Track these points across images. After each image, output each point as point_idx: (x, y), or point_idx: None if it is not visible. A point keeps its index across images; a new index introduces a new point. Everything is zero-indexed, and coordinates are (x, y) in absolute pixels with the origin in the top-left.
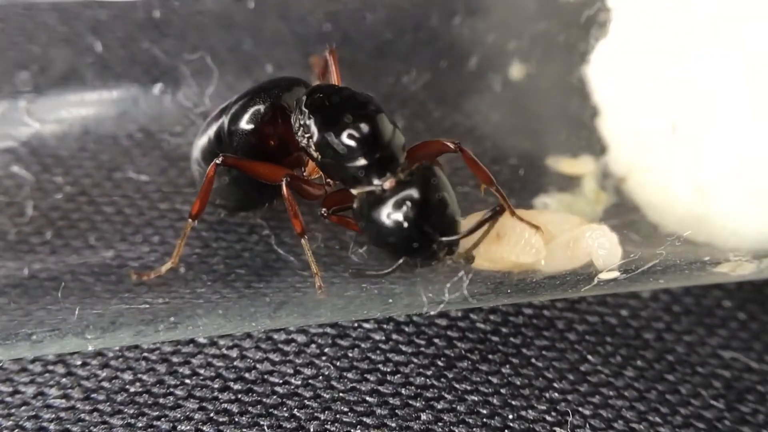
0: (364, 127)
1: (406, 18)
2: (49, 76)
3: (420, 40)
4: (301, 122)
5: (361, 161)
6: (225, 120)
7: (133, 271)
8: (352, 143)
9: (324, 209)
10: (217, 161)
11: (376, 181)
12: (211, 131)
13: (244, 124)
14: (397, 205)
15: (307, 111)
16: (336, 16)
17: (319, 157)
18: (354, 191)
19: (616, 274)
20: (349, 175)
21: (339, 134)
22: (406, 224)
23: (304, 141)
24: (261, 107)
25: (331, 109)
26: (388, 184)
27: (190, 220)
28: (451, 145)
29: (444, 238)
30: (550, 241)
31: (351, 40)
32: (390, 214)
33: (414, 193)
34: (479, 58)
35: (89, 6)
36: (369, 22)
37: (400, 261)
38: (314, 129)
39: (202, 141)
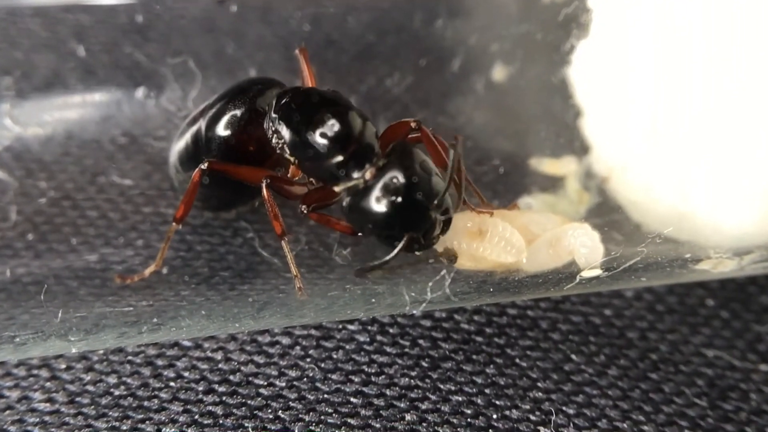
0: (335, 125)
1: (389, 20)
2: (32, 80)
3: (403, 43)
4: (273, 128)
5: (337, 158)
6: (202, 125)
7: (117, 274)
8: (324, 142)
9: (304, 206)
10: (203, 166)
11: (356, 175)
12: (189, 136)
13: (221, 129)
14: (384, 189)
15: (276, 117)
16: (318, 19)
17: (295, 160)
18: (336, 188)
19: (598, 271)
20: (328, 173)
21: (311, 136)
22: (399, 200)
23: (279, 146)
24: (236, 112)
25: (299, 112)
26: (368, 174)
27: (174, 223)
28: (413, 124)
29: (435, 200)
30: (533, 240)
31: (334, 43)
32: (380, 200)
33: (395, 172)
34: (462, 60)
35: (72, 11)
36: (351, 25)
37: (405, 240)
38: (286, 134)
39: (179, 146)
